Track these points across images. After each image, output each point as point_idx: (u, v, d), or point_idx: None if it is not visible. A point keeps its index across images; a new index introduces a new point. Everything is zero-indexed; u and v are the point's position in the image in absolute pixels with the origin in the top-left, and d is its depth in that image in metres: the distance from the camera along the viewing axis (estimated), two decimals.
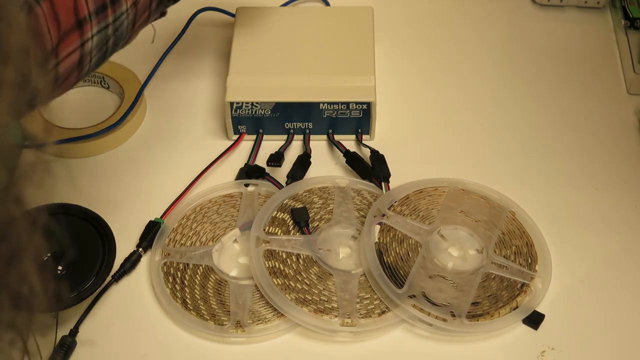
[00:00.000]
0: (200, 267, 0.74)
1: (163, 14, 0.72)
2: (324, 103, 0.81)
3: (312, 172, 0.82)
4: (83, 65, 0.59)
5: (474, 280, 0.73)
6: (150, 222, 0.77)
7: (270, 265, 0.73)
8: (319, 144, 0.85)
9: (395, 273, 0.72)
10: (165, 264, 0.75)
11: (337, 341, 0.71)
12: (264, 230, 0.76)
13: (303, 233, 0.76)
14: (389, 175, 0.80)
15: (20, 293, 0.47)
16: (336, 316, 0.70)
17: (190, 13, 0.90)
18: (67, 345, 0.69)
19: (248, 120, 0.83)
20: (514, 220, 0.77)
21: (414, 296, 0.71)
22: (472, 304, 0.71)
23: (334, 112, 0.82)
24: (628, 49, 0.91)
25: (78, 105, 0.89)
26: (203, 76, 0.91)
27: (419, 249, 0.74)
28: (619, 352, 0.70)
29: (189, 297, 0.72)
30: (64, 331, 0.71)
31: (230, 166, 0.83)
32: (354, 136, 0.85)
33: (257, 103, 0.81)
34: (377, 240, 0.75)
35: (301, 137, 0.85)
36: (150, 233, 0.76)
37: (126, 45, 0.68)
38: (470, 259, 0.75)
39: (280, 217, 0.77)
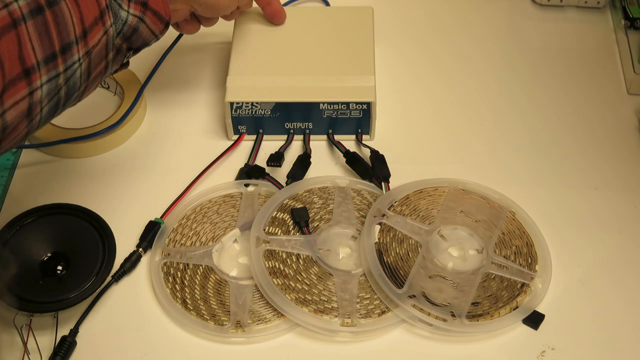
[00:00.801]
0: (200, 267, 0.74)
1: (124, 65, 0.70)
2: (324, 103, 0.81)
3: (312, 172, 0.82)
4: (33, 115, 0.57)
5: (474, 280, 0.72)
6: (150, 222, 0.77)
7: (270, 265, 0.73)
8: (319, 144, 0.85)
9: (395, 273, 0.72)
10: (165, 264, 0.75)
11: (337, 341, 0.71)
12: (264, 230, 0.76)
13: (303, 233, 0.76)
14: (389, 175, 0.80)
15: None
16: (336, 316, 0.70)
17: None
18: (67, 345, 0.69)
19: (248, 120, 0.83)
20: (514, 220, 0.77)
21: (414, 296, 0.71)
22: (472, 304, 0.71)
23: (334, 112, 0.82)
24: (628, 49, 0.91)
25: (78, 105, 0.88)
26: (203, 76, 0.92)
27: (419, 249, 0.74)
28: (619, 352, 0.70)
29: (189, 297, 0.72)
30: (64, 331, 0.71)
31: (230, 166, 0.83)
32: (354, 136, 0.85)
33: (257, 103, 0.81)
34: (377, 240, 0.75)
35: (301, 137, 0.85)
36: (150, 233, 0.76)
37: (84, 96, 0.65)
38: (470, 259, 0.75)
39: (280, 217, 0.77)
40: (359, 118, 0.83)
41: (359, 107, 0.82)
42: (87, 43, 0.59)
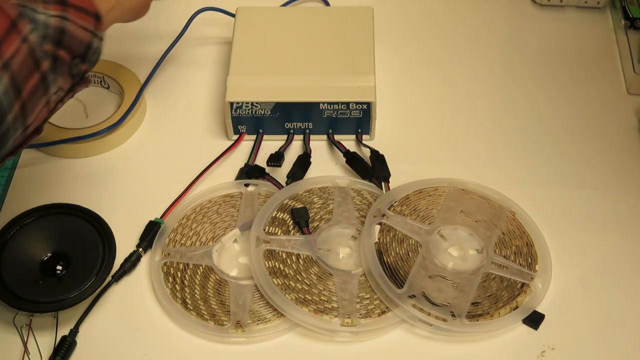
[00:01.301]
0: (200, 267, 0.74)
1: (83, 80, 0.65)
2: (324, 103, 0.81)
3: (312, 172, 0.82)
4: None
5: (474, 280, 0.72)
6: (150, 222, 0.77)
7: (270, 265, 0.73)
8: (319, 144, 0.85)
9: (395, 273, 0.72)
10: (165, 264, 0.75)
11: (337, 341, 0.71)
12: (264, 230, 0.76)
13: (303, 233, 0.76)
14: (389, 175, 0.80)
15: None
16: (336, 316, 0.70)
17: (190, 13, 0.90)
18: (67, 345, 0.69)
19: (248, 120, 0.83)
20: (514, 220, 0.77)
21: (414, 296, 0.71)
22: (472, 304, 0.71)
23: (334, 112, 0.82)
24: (628, 49, 0.91)
25: (78, 105, 0.89)
26: (203, 76, 0.92)
27: (419, 249, 0.74)
28: (619, 352, 0.70)
29: (189, 297, 0.72)
30: (64, 331, 0.71)
31: (230, 166, 0.83)
32: (354, 136, 0.85)
33: (257, 103, 0.81)
34: (377, 240, 0.75)
35: (301, 137, 0.85)
36: (150, 233, 0.76)
37: (30, 118, 0.59)
38: (470, 259, 0.75)
39: (280, 217, 0.77)
40: (359, 118, 0.83)
41: (359, 107, 0.82)
42: (1, 55, 0.55)
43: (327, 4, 0.98)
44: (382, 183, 0.80)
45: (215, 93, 0.90)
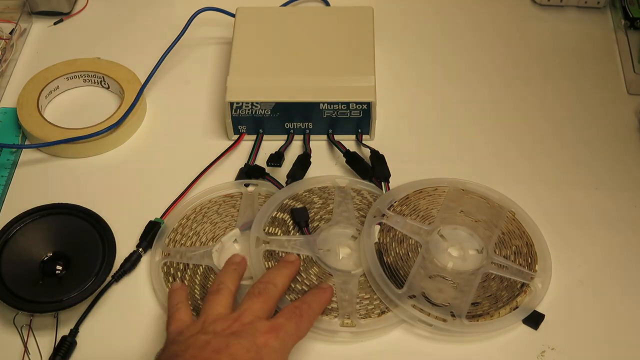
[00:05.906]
0: (200, 267, 0.74)
1: None
2: (324, 103, 0.81)
3: (312, 172, 0.82)
4: None
5: (474, 280, 0.72)
6: (150, 222, 0.77)
7: (270, 266, 0.73)
8: (319, 144, 0.85)
9: (395, 273, 0.72)
10: (165, 264, 0.75)
11: (337, 341, 0.71)
12: (264, 230, 0.75)
13: (303, 233, 0.76)
14: (389, 175, 0.80)
15: None
16: (336, 316, 0.70)
17: (190, 13, 0.90)
18: (67, 345, 0.69)
19: (248, 120, 0.83)
20: (514, 220, 0.77)
21: (414, 296, 0.71)
22: (472, 304, 0.71)
23: (334, 112, 0.82)
24: (628, 49, 0.91)
25: (78, 105, 0.89)
26: (203, 76, 0.92)
27: (419, 249, 0.74)
28: (619, 352, 0.70)
29: (189, 297, 0.72)
30: (64, 331, 0.71)
31: (230, 166, 0.83)
32: (354, 136, 0.85)
33: (257, 103, 0.81)
34: (377, 240, 0.75)
35: (301, 137, 0.85)
36: (150, 233, 0.76)
37: None
38: (470, 259, 0.75)
39: (280, 217, 0.77)
40: (359, 118, 0.83)
41: (359, 107, 0.82)
42: None
43: (327, 4, 0.99)
44: (382, 183, 0.80)
45: (215, 93, 0.90)
